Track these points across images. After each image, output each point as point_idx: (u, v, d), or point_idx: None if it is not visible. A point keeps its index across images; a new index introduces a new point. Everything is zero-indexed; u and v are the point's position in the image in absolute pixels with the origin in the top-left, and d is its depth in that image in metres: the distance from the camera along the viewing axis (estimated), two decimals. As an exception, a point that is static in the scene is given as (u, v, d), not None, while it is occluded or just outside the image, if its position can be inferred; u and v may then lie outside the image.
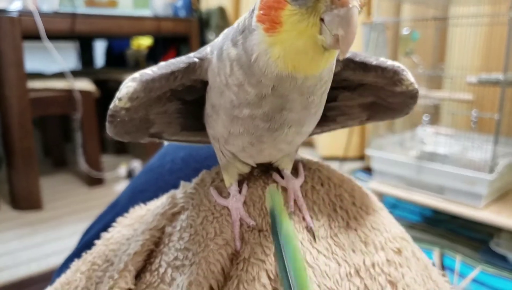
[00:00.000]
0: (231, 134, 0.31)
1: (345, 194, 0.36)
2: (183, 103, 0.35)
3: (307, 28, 0.24)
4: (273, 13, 0.25)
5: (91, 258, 0.38)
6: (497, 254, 1.10)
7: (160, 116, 0.34)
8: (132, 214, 0.43)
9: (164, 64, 0.31)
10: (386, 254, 0.33)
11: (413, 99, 0.36)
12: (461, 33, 1.24)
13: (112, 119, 0.30)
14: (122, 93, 0.29)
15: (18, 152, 1.47)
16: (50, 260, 1.16)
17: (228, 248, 0.32)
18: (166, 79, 0.30)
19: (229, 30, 0.31)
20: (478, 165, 1.11)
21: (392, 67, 0.33)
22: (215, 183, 0.37)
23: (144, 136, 0.34)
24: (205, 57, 0.31)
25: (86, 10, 1.69)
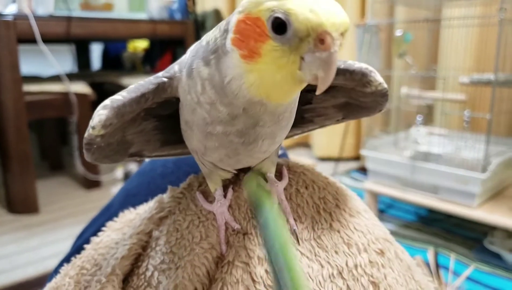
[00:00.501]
0: (207, 148, 0.31)
1: (329, 196, 0.36)
2: (159, 120, 0.35)
3: (287, 64, 0.25)
4: (252, 43, 0.25)
5: (80, 263, 0.38)
6: (491, 252, 1.11)
7: (138, 136, 0.35)
8: (121, 218, 0.44)
9: (134, 88, 0.31)
10: (369, 256, 0.33)
11: (384, 98, 0.36)
12: (454, 34, 1.25)
13: (89, 147, 0.30)
14: (95, 122, 0.29)
15: (14, 156, 1.47)
16: (47, 264, 1.17)
17: (214, 251, 0.32)
18: (137, 102, 0.30)
19: (196, 48, 0.30)
20: (471, 164, 1.11)
21: (360, 69, 0.34)
22: (202, 187, 0.37)
23: (124, 157, 0.35)
24: (173, 76, 0.31)
25: (81, 13, 1.69)
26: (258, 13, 0.24)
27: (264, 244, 0.27)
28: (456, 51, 1.26)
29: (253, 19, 0.25)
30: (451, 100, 1.27)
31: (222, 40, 0.27)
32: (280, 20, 0.24)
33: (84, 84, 1.72)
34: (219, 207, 0.34)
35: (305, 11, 0.23)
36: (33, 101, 1.53)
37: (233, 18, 0.26)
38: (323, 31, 0.23)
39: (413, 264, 0.38)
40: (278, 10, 0.24)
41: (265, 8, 0.24)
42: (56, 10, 1.59)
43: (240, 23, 0.25)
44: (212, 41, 0.28)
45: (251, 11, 0.25)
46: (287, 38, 0.24)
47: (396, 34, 1.27)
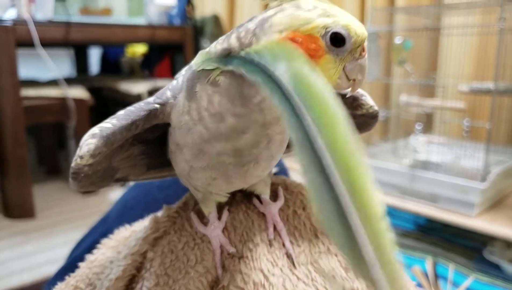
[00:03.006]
0: (193, 169, 0.31)
1: None
2: (146, 144, 0.35)
3: (334, 74, 0.27)
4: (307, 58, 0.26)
5: (74, 282, 0.38)
6: (490, 263, 1.10)
7: (124, 161, 0.34)
8: (117, 235, 0.43)
9: (123, 115, 0.30)
10: None
11: (374, 119, 0.38)
12: (453, 43, 1.25)
13: (76, 176, 0.30)
14: (83, 151, 0.29)
15: (11, 161, 1.46)
16: (43, 270, 1.16)
17: (209, 275, 0.32)
18: (127, 130, 0.30)
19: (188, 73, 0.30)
20: (471, 173, 1.11)
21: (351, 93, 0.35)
22: (198, 206, 0.37)
23: (110, 183, 0.34)
24: (166, 102, 0.31)
25: (80, 18, 1.69)
26: (310, 30, 0.25)
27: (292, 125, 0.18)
28: (455, 59, 1.26)
29: (304, 36, 0.25)
30: (450, 109, 1.27)
31: None
32: (340, 35, 0.25)
33: (82, 89, 1.71)
34: (213, 230, 0.33)
35: (358, 26, 0.26)
36: (31, 105, 1.53)
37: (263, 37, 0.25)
38: (364, 42, 0.27)
39: (412, 287, 0.37)
40: (336, 26, 0.25)
41: (319, 24, 0.25)
42: (55, 15, 1.59)
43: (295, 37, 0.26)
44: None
45: (300, 28, 0.25)
46: (344, 51, 0.26)
47: (395, 41, 1.27)
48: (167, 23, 1.93)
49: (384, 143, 1.41)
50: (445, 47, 1.36)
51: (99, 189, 0.34)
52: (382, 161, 1.27)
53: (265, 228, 0.34)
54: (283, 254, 0.32)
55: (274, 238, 0.33)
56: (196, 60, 0.29)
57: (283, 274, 0.31)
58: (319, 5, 0.26)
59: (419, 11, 1.25)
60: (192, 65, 0.30)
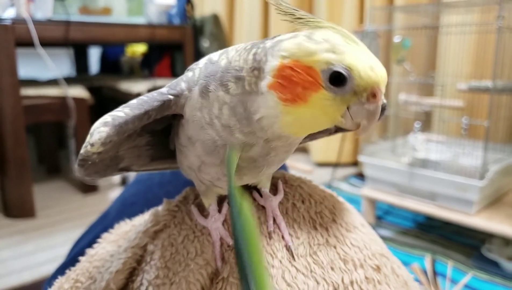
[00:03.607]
0: (205, 164, 0.31)
1: (325, 211, 0.36)
2: (152, 135, 0.35)
3: (333, 112, 0.26)
4: (299, 90, 0.25)
5: (75, 275, 0.38)
6: (489, 260, 1.11)
7: (130, 151, 0.34)
8: (117, 230, 0.43)
9: (137, 104, 0.30)
10: (365, 272, 0.33)
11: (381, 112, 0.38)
12: (452, 41, 1.26)
13: (83, 163, 0.30)
14: (94, 139, 0.28)
15: (11, 160, 1.46)
16: (42, 269, 1.16)
17: (209, 267, 0.32)
18: (139, 119, 0.30)
19: (208, 67, 0.30)
20: (469, 171, 1.11)
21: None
22: (198, 200, 0.37)
23: (114, 172, 0.34)
24: (180, 93, 0.30)
25: (80, 17, 1.69)
26: (311, 62, 0.25)
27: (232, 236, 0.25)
28: (454, 57, 1.26)
29: (303, 67, 0.25)
30: (449, 107, 1.28)
31: (251, 78, 0.27)
32: (339, 74, 0.25)
33: (82, 88, 1.71)
34: (214, 222, 0.34)
35: (366, 68, 0.25)
36: (31, 105, 1.53)
37: (270, 60, 0.26)
38: (378, 87, 0.25)
39: (410, 279, 0.38)
40: (338, 65, 0.25)
41: (321, 59, 0.25)
42: (55, 14, 1.59)
43: (285, 69, 0.26)
44: (235, 65, 0.28)
45: (301, 59, 0.25)
46: (343, 91, 0.25)
47: (394, 40, 1.27)
48: (167, 23, 1.94)
49: (383, 142, 1.41)
50: (443, 46, 1.36)
51: (102, 178, 0.34)
52: (381, 159, 1.28)
53: (265, 221, 0.34)
54: (282, 247, 0.33)
55: (273, 230, 0.33)
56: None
57: (282, 266, 0.32)
58: (332, 40, 0.25)
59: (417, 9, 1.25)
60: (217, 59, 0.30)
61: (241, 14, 2.31)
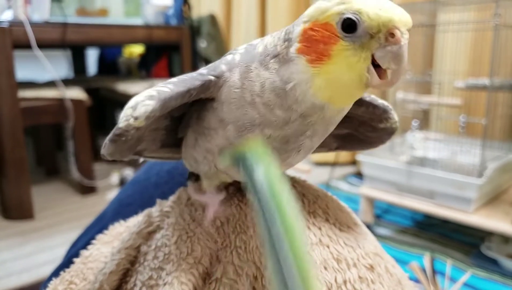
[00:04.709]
0: (232, 146, 0.31)
1: (319, 210, 0.36)
2: (170, 120, 0.35)
3: (358, 63, 0.26)
4: (322, 46, 0.26)
5: (69, 277, 0.38)
6: (488, 258, 1.11)
7: (150, 133, 0.34)
8: (111, 231, 0.43)
9: (180, 81, 0.30)
10: (358, 271, 0.33)
11: (390, 136, 0.38)
12: (449, 39, 1.26)
13: (117, 138, 0.28)
14: (140, 112, 0.27)
15: (9, 162, 1.46)
16: (41, 270, 1.16)
17: (200, 267, 0.32)
18: (182, 96, 0.29)
19: (248, 52, 0.31)
20: (467, 169, 1.11)
21: (383, 105, 0.36)
22: (191, 201, 0.37)
23: (130, 154, 0.34)
24: (221, 75, 0.30)
25: (77, 19, 1.70)
26: (326, 18, 0.26)
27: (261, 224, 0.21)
28: (451, 55, 1.26)
29: (321, 25, 0.26)
30: (447, 105, 1.28)
31: (283, 49, 0.28)
32: (351, 20, 0.25)
33: (79, 90, 1.71)
34: (211, 197, 0.34)
35: (375, 9, 0.25)
36: (29, 107, 1.53)
37: (296, 28, 0.28)
38: (393, 25, 0.25)
39: (404, 278, 0.37)
40: (348, 12, 0.25)
41: (334, 12, 0.26)
42: (52, 16, 1.59)
43: (307, 31, 0.27)
44: (271, 46, 0.29)
45: (318, 18, 0.26)
46: (357, 36, 0.25)
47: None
48: (164, 23, 1.94)
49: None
50: (441, 44, 1.36)
51: (118, 159, 0.32)
52: (379, 158, 1.28)
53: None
54: None
55: None
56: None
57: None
58: None
59: (414, 8, 1.25)
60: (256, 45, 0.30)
61: (238, 14, 2.31)
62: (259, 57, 0.29)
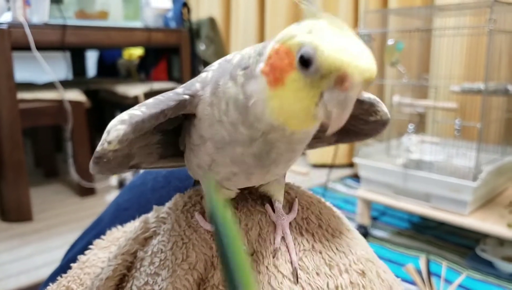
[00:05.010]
0: (216, 163, 0.32)
1: (312, 216, 0.37)
2: (163, 134, 0.36)
3: (306, 97, 0.25)
4: (279, 72, 0.26)
5: (66, 282, 0.39)
6: (483, 260, 1.11)
7: (141, 149, 0.35)
8: (109, 236, 0.44)
9: (153, 103, 0.30)
10: (350, 277, 0.34)
11: (384, 126, 0.38)
12: (445, 44, 1.27)
13: (98, 161, 0.30)
14: (112, 137, 0.29)
15: (8, 164, 1.47)
16: (40, 272, 1.16)
17: (195, 272, 0.32)
18: (155, 118, 0.30)
19: (222, 66, 0.31)
20: (463, 172, 1.12)
21: (369, 99, 0.36)
22: (187, 207, 0.38)
23: (124, 169, 0.35)
24: (195, 93, 0.31)
25: (76, 21, 1.70)
26: (290, 45, 0.26)
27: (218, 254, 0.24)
28: (447, 60, 1.27)
29: (285, 50, 0.26)
30: (442, 109, 1.28)
31: (254, 63, 0.28)
32: (307, 55, 0.24)
33: (78, 92, 1.72)
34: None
35: (332, 50, 0.24)
36: (28, 108, 1.54)
37: (269, 45, 0.28)
38: (344, 72, 0.24)
39: (396, 283, 0.38)
40: (308, 45, 0.24)
41: (296, 41, 0.25)
42: (51, 19, 1.60)
43: (274, 52, 0.26)
44: (247, 57, 0.29)
45: (285, 42, 0.26)
46: (310, 72, 0.25)
47: (388, 43, 1.28)
48: (163, 26, 1.94)
49: (378, 143, 1.42)
50: (437, 48, 1.37)
51: (113, 174, 0.35)
52: (376, 161, 1.29)
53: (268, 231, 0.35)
54: (286, 261, 0.33)
55: (280, 249, 0.34)
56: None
57: (269, 272, 0.32)
58: (315, 24, 0.25)
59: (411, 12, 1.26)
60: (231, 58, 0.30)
61: (237, 17, 2.32)
62: (231, 68, 0.29)
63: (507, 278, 1.05)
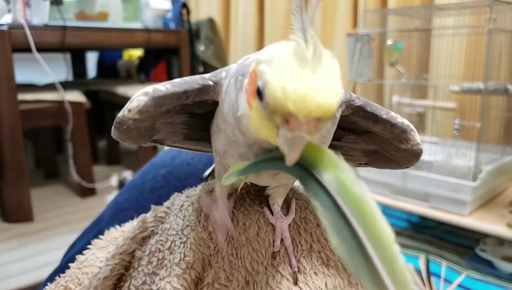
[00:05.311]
0: (226, 152, 0.32)
1: (310, 216, 0.37)
2: (190, 116, 0.35)
3: (267, 126, 0.24)
4: (249, 95, 0.25)
5: (64, 282, 0.39)
6: (483, 260, 1.11)
7: (166, 126, 0.35)
8: (107, 236, 0.44)
9: (178, 82, 0.31)
10: (348, 276, 0.34)
11: (416, 157, 0.35)
12: (444, 43, 1.27)
13: (119, 126, 0.30)
14: (132, 106, 0.29)
15: (9, 165, 1.47)
16: (40, 273, 1.17)
17: (192, 272, 0.33)
18: (178, 97, 0.30)
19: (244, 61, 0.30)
20: (462, 172, 1.12)
21: (401, 125, 0.33)
22: (184, 206, 0.38)
23: (147, 142, 0.35)
24: (219, 81, 0.31)
25: (76, 23, 1.71)
26: (257, 70, 0.25)
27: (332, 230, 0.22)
28: (446, 59, 1.27)
29: (254, 74, 0.25)
30: (442, 108, 1.28)
31: (247, 73, 0.27)
32: (261, 87, 0.23)
33: (78, 93, 1.72)
34: (222, 204, 0.34)
35: (278, 87, 0.22)
36: (28, 109, 1.54)
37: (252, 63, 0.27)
38: (288, 112, 0.22)
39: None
40: (262, 76, 0.23)
41: (260, 69, 0.24)
42: (51, 20, 1.60)
43: (251, 72, 0.26)
44: (250, 62, 0.28)
45: (256, 66, 0.25)
46: (263, 105, 0.24)
47: (387, 43, 1.28)
48: (163, 27, 1.95)
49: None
50: (436, 48, 1.37)
51: (136, 144, 0.34)
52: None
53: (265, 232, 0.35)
54: (285, 263, 0.33)
55: (279, 252, 0.34)
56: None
57: (267, 271, 0.33)
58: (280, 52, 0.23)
59: (410, 12, 1.26)
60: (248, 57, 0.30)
61: (237, 18, 2.32)
62: (241, 69, 0.29)
63: (507, 278, 1.05)
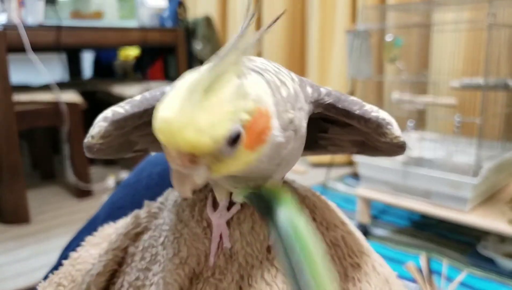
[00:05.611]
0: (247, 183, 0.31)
1: (306, 210, 0.36)
2: None
3: None
4: None
5: (57, 279, 0.38)
6: (484, 257, 1.11)
7: (143, 138, 0.35)
8: (100, 232, 0.43)
9: (138, 101, 0.30)
10: (345, 270, 0.33)
11: (400, 148, 0.34)
12: (444, 39, 1.26)
13: (89, 150, 0.31)
14: (94, 132, 0.30)
15: (4, 166, 1.46)
16: (37, 274, 1.15)
17: (186, 267, 0.32)
18: (139, 116, 0.30)
19: None
20: (463, 169, 1.11)
21: (376, 119, 0.32)
22: (178, 202, 0.37)
23: (129, 153, 0.35)
24: None
25: (71, 22, 1.69)
26: None
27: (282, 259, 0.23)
28: (446, 55, 1.27)
29: None
30: (442, 105, 1.28)
31: None
32: None
33: (74, 93, 1.71)
34: (219, 218, 0.33)
35: (156, 119, 0.22)
36: (24, 110, 1.53)
37: None
38: (164, 145, 0.22)
39: (392, 277, 0.37)
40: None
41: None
42: (46, 19, 1.59)
43: None
44: None
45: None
46: None
47: (386, 39, 1.28)
48: (159, 26, 1.93)
49: (377, 141, 1.41)
50: (436, 44, 1.37)
51: (116, 157, 0.34)
52: (375, 159, 1.28)
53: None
54: (263, 249, 0.32)
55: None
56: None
57: (262, 265, 0.32)
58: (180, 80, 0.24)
59: (409, 8, 1.25)
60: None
61: (234, 16, 2.32)
62: None
63: (508, 275, 1.04)
